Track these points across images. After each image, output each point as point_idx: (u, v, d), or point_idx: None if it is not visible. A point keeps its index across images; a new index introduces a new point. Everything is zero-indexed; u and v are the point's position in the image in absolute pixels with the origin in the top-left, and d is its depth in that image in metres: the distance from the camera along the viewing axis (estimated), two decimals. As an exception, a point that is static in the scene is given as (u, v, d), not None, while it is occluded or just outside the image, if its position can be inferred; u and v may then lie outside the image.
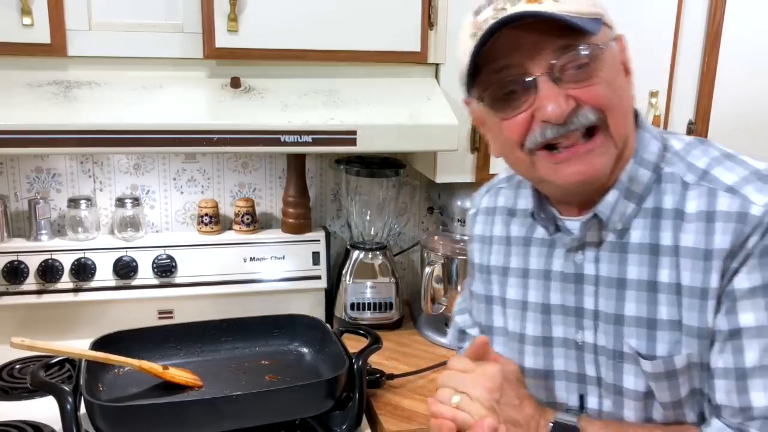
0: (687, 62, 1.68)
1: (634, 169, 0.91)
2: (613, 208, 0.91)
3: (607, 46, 0.85)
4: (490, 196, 1.12)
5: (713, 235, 0.85)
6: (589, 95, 0.83)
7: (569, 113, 0.83)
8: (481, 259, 1.10)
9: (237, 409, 1.23)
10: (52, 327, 1.68)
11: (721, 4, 1.65)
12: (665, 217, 0.89)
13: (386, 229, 1.90)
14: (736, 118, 1.72)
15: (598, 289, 0.94)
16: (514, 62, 0.84)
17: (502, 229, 1.07)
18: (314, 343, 1.56)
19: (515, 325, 1.03)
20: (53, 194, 1.79)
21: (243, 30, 1.43)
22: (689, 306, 0.87)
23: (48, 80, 1.40)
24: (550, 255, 0.99)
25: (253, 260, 1.79)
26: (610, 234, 0.93)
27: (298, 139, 1.40)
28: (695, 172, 0.89)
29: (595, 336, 0.95)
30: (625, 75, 0.91)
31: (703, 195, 0.87)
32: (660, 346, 0.89)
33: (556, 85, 0.83)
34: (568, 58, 0.82)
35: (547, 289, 0.99)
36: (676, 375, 0.89)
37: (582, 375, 0.97)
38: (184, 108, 1.41)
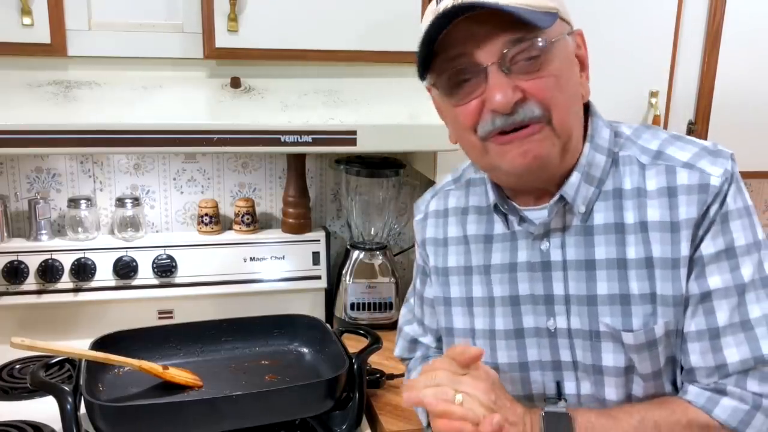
0: (687, 62, 1.68)
1: (591, 154, 0.95)
2: (577, 190, 0.94)
3: (560, 40, 0.88)
4: (438, 199, 1.14)
5: (677, 208, 0.90)
6: (535, 88, 0.86)
7: (515, 103, 0.86)
8: (437, 261, 1.11)
9: (237, 409, 1.23)
10: (52, 327, 1.68)
11: (721, 4, 1.65)
12: (627, 197, 0.93)
13: (386, 229, 1.90)
14: (736, 118, 1.72)
15: (567, 273, 0.96)
16: (467, 51, 0.87)
17: (458, 230, 1.08)
18: (314, 343, 1.56)
19: (484, 322, 1.04)
20: (53, 194, 1.79)
21: (243, 30, 1.43)
22: (662, 276, 0.91)
23: (48, 80, 1.40)
24: (514, 248, 1.01)
25: (253, 260, 1.79)
26: (574, 218, 0.96)
27: (298, 139, 1.40)
28: (649, 154, 0.94)
29: (568, 320, 0.96)
30: (581, 70, 0.94)
31: (662, 172, 0.92)
32: (635, 320, 0.92)
33: (505, 76, 0.86)
34: (518, 49, 0.85)
35: (514, 281, 1.01)
36: (656, 344, 0.92)
37: (557, 362, 0.99)
38: (184, 108, 1.41)
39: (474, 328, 1.05)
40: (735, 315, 0.90)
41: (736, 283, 0.90)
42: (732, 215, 0.90)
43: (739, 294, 0.90)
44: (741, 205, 0.91)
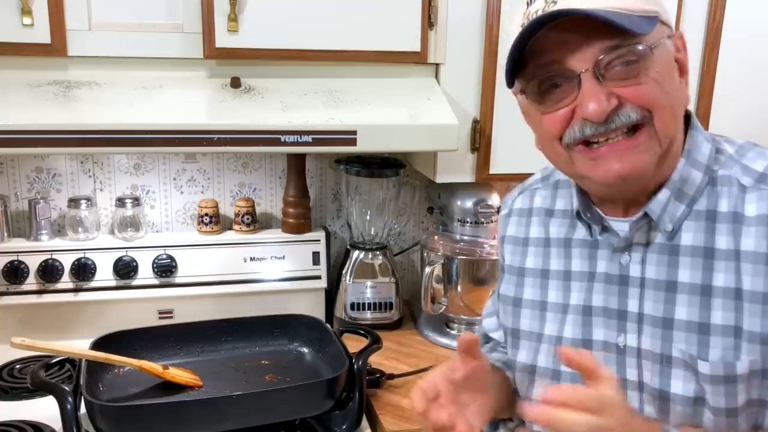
0: (687, 62, 1.67)
1: (686, 170, 0.88)
2: (665, 207, 0.88)
3: (659, 45, 0.83)
4: (524, 197, 1.09)
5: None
6: (634, 94, 0.82)
7: (611, 112, 0.81)
8: (513, 260, 1.07)
9: (237, 409, 1.23)
10: (52, 327, 1.68)
11: (721, 4, 1.64)
12: (721, 220, 0.87)
13: (386, 229, 1.90)
14: (737, 118, 1.72)
15: (644, 291, 0.91)
16: (559, 58, 0.82)
17: (540, 231, 1.04)
18: (314, 343, 1.56)
19: (553, 328, 1.00)
20: (53, 194, 1.79)
21: (243, 30, 1.43)
22: (751, 311, 0.84)
23: (48, 80, 1.40)
24: (593, 256, 0.97)
25: (253, 260, 1.79)
26: (659, 235, 0.90)
27: (298, 139, 1.40)
28: (752, 175, 0.87)
29: (639, 340, 0.92)
30: (680, 75, 0.88)
31: (764, 198, 0.85)
32: (713, 351, 0.86)
33: (599, 83, 0.81)
34: (615, 55, 0.81)
35: (590, 291, 0.96)
36: (736, 381, 0.86)
37: (622, 380, 0.94)
38: (184, 108, 1.41)
39: (542, 333, 1.02)
40: None
41: None
42: None
43: None
44: None
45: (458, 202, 1.77)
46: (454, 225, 1.79)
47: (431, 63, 1.57)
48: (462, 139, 1.57)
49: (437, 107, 1.51)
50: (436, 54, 1.55)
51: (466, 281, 1.73)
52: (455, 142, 1.49)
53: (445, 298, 1.75)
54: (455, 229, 1.79)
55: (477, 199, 1.75)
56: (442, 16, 1.53)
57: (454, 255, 1.74)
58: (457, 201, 1.77)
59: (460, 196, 1.77)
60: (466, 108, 1.59)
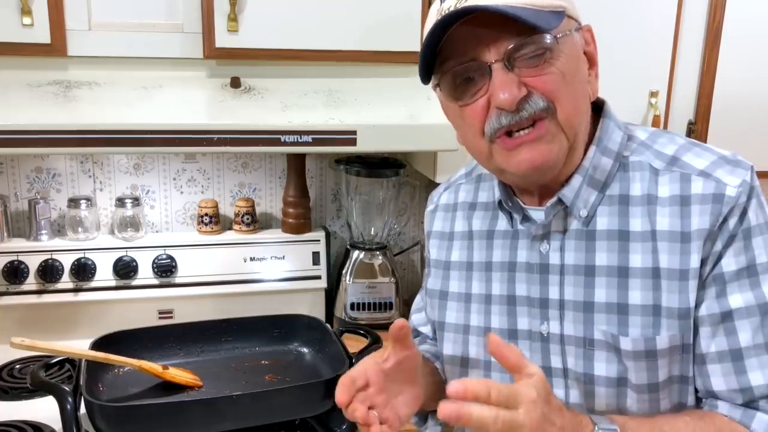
0: (687, 62, 1.68)
1: (597, 157, 0.92)
2: (577, 193, 0.92)
3: (566, 36, 0.87)
4: (450, 192, 1.13)
5: (690, 217, 0.87)
6: (539, 83, 0.85)
7: (521, 100, 0.85)
8: (439, 255, 1.10)
9: (237, 409, 1.23)
10: (52, 327, 1.68)
11: (721, 3, 1.65)
12: (634, 203, 0.91)
13: (386, 229, 1.90)
14: (736, 118, 1.72)
15: (564, 278, 0.94)
16: (471, 51, 0.86)
17: (464, 224, 1.07)
18: (314, 343, 1.56)
19: (479, 319, 1.03)
20: (53, 194, 1.79)
21: (243, 30, 1.43)
22: (669, 288, 0.88)
23: (48, 80, 1.40)
24: (514, 246, 1.00)
25: (253, 260, 1.79)
26: (574, 222, 0.94)
27: (298, 139, 1.40)
28: (664, 159, 0.91)
29: (561, 326, 0.94)
30: (589, 67, 0.92)
31: (676, 180, 0.89)
32: (632, 330, 0.89)
33: (509, 72, 0.85)
34: (522, 45, 0.84)
35: (512, 281, 0.99)
36: (656, 356, 0.89)
37: (547, 368, 0.96)
38: (184, 108, 1.41)
39: (469, 325, 1.04)
40: (758, 335, 0.86)
41: (758, 302, 0.86)
42: (754, 231, 0.86)
43: (762, 313, 0.86)
44: (762, 220, 0.87)
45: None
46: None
47: (431, 63, 1.57)
48: (462, 139, 1.57)
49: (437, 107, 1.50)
50: (436, 54, 1.55)
51: (466, 281, 1.73)
52: (455, 142, 1.47)
53: (445, 298, 1.74)
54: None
55: (477, 199, 1.75)
56: (442, 16, 1.53)
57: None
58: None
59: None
60: (466, 108, 1.59)
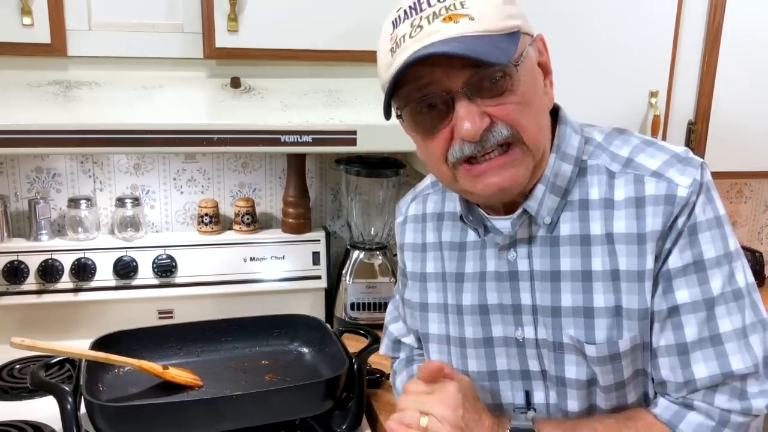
0: (687, 62, 1.68)
1: (557, 165, 0.93)
2: (541, 202, 0.93)
3: (522, 60, 0.86)
4: (418, 203, 1.13)
5: (644, 219, 0.88)
6: (502, 113, 0.85)
7: (484, 131, 0.85)
8: (414, 267, 1.11)
9: (237, 409, 1.23)
10: (52, 327, 1.68)
11: (721, 4, 1.64)
12: (593, 207, 0.92)
13: (386, 229, 1.90)
14: (736, 118, 1.72)
15: (534, 283, 0.95)
16: (430, 79, 0.85)
17: (434, 236, 1.08)
18: (314, 343, 1.56)
19: (455, 330, 1.04)
20: (53, 194, 1.79)
21: (243, 30, 1.43)
22: (628, 290, 0.90)
23: (48, 80, 1.40)
24: (483, 256, 1.01)
25: (253, 260, 1.79)
26: (540, 229, 0.95)
27: (298, 139, 1.40)
28: (619, 161, 0.92)
29: (536, 330, 0.96)
30: (544, 77, 0.92)
31: (630, 182, 0.90)
32: (599, 332, 0.91)
33: (472, 103, 0.85)
34: (483, 75, 0.84)
35: (483, 290, 1.00)
36: (620, 357, 0.91)
37: (526, 371, 0.99)
38: (184, 108, 1.41)
39: (448, 335, 1.06)
40: (704, 330, 0.88)
41: (704, 297, 0.88)
42: (701, 227, 0.88)
43: (708, 308, 0.88)
44: (711, 215, 0.89)
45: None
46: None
47: (431, 63, 1.57)
48: (462, 139, 1.57)
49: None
50: (436, 54, 1.55)
51: (466, 281, 1.74)
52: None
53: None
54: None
55: (477, 199, 1.75)
56: (442, 16, 1.53)
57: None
58: (457, 201, 1.77)
59: (460, 196, 1.76)
60: (466, 108, 1.59)
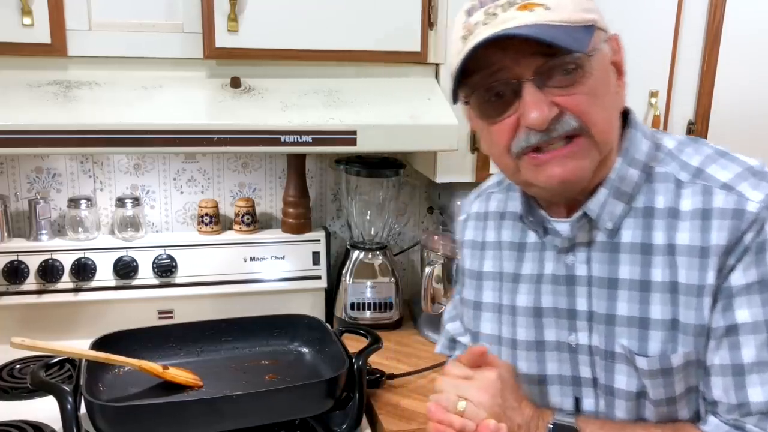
0: (687, 62, 1.68)
1: (623, 169, 0.91)
2: (603, 206, 0.91)
3: (596, 53, 0.85)
4: (481, 201, 1.12)
5: (709, 232, 0.85)
6: (571, 103, 0.84)
7: (552, 120, 0.84)
8: (472, 265, 1.10)
9: (237, 409, 1.23)
10: (52, 327, 1.68)
11: (721, 3, 1.64)
12: (658, 216, 0.90)
13: (386, 229, 1.90)
14: (736, 118, 1.72)
15: (591, 289, 0.94)
16: (500, 66, 0.84)
17: (495, 234, 1.07)
18: (314, 343, 1.56)
19: (508, 331, 1.03)
20: (53, 194, 1.79)
21: (243, 30, 1.43)
22: (686, 304, 0.87)
23: (48, 80, 1.40)
24: (542, 258, 0.99)
25: (253, 260, 1.79)
26: (600, 234, 0.93)
27: (298, 139, 1.40)
28: (689, 171, 0.90)
29: (590, 337, 0.94)
30: (618, 77, 0.90)
31: (698, 193, 0.87)
32: (652, 345, 0.89)
33: (540, 91, 0.83)
34: (554, 63, 0.83)
35: (538, 293, 0.99)
36: (672, 373, 0.89)
37: (577, 378, 0.97)
38: (184, 108, 1.41)
39: (500, 336, 1.04)
40: (763, 352, 0.85)
41: (766, 318, 0.85)
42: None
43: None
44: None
45: (458, 202, 1.76)
46: (454, 225, 1.79)
47: (431, 63, 1.57)
48: (462, 139, 1.57)
49: (437, 107, 1.51)
50: (436, 54, 1.55)
51: (466, 281, 1.73)
52: (455, 142, 1.49)
53: (445, 298, 1.74)
54: (455, 229, 1.78)
55: (477, 199, 1.75)
56: (442, 16, 1.53)
57: (454, 255, 1.74)
58: (457, 201, 1.77)
59: (460, 196, 1.75)
60: (466, 108, 1.59)
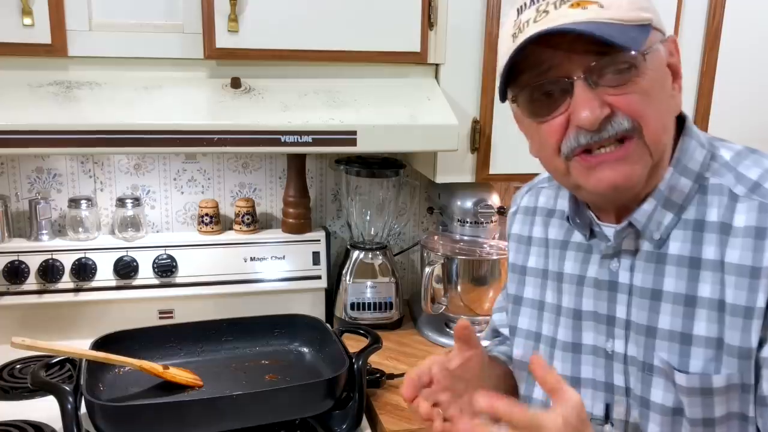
0: (687, 62, 1.65)
1: (674, 178, 0.87)
2: (650, 217, 0.88)
3: (651, 52, 0.81)
4: (531, 195, 1.10)
5: (763, 252, 0.81)
6: (624, 102, 0.81)
7: (603, 120, 0.80)
8: (516, 259, 1.08)
9: (237, 409, 1.23)
10: (53, 327, 1.68)
11: (721, 3, 1.64)
12: (709, 230, 0.86)
13: (386, 229, 1.90)
14: (736, 118, 1.72)
15: (632, 298, 0.91)
16: (550, 64, 0.81)
17: (542, 231, 1.05)
18: (314, 343, 1.56)
19: (549, 329, 1.01)
20: (54, 194, 1.79)
21: (243, 30, 1.43)
22: (732, 324, 0.83)
23: (48, 80, 1.40)
24: (586, 260, 0.97)
25: (254, 260, 1.79)
26: (647, 243, 0.90)
27: (298, 139, 1.40)
28: (746, 184, 0.85)
29: (626, 346, 0.92)
30: (673, 80, 0.87)
31: (754, 209, 0.83)
32: (693, 362, 0.86)
33: (591, 90, 0.80)
34: (607, 62, 0.80)
35: (580, 295, 0.97)
36: (712, 393, 0.85)
37: (610, 384, 0.95)
38: (185, 108, 1.41)
39: (540, 333, 1.03)
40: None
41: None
42: None
43: None
44: None
45: (458, 202, 1.77)
46: (454, 225, 1.79)
47: (431, 63, 1.57)
48: (462, 139, 1.57)
49: (437, 107, 1.51)
50: (436, 54, 1.55)
51: (465, 281, 1.74)
52: (455, 142, 1.49)
53: (445, 298, 1.75)
54: (455, 229, 1.79)
55: (477, 199, 1.75)
56: (442, 16, 1.54)
57: (454, 255, 1.74)
58: (457, 201, 1.77)
59: (460, 196, 1.77)
60: (466, 108, 1.59)
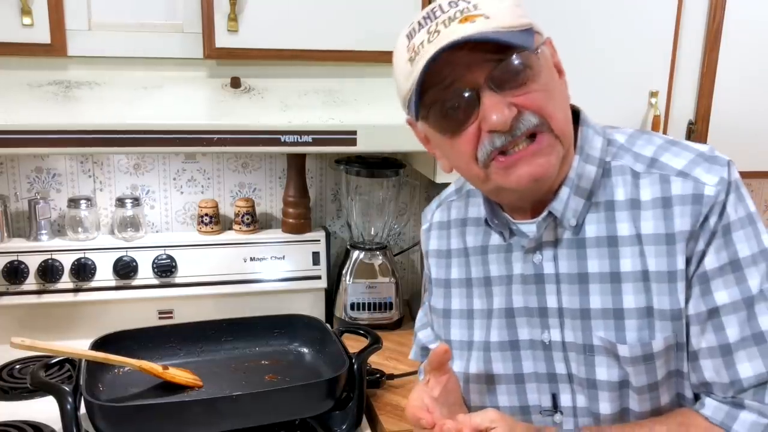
0: (687, 62, 1.68)
1: (581, 166, 0.93)
2: (566, 204, 0.93)
3: (540, 52, 0.88)
4: (442, 210, 1.13)
5: (672, 219, 0.88)
6: (528, 101, 0.86)
7: (513, 120, 0.85)
8: (438, 273, 1.11)
9: (237, 409, 1.23)
10: (52, 327, 1.68)
11: (721, 4, 1.64)
12: (620, 208, 0.92)
13: (386, 229, 1.90)
14: (737, 118, 1.72)
15: (560, 286, 0.95)
16: (452, 78, 0.86)
17: (459, 241, 1.08)
18: (314, 343, 1.56)
19: (480, 335, 1.04)
20: (53, 194, 1.79)
21: (243, 30, 1.43)
22: (659, 290, 0.90)
23: (48, 80, 1.40)
24: (509, 260, 1.01)
25: (253, 260, 1.79)
26: (565, 231, 0.95)
27: (298, 139, 1.40)
28: (643, 161, 0.92)
29: (562, 333, 0.96)
30: (559, 76, 0.92)
31: (656, 182, 0.90)
32: (629, 334, 0.91)
33: (497, 94, 0.85)
34: (505, 66, 0.85)
35: (509, 294, 1.00)
36: (653, 358, 0.91)
37: (552, 374, 0.98)
38: (185, 108, 1.41)
39: (472, 341, 1.05)
40: (746, 329, 0.88)
41: (743, 296, 0.88)
42: (734, 226, 0.88)
43: (748, 307, 0.88)
44: (743, 213, 0.88)
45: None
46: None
47: (431, 63, 1.57)
48: (462, 139, 1.57)
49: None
50: (436, 54, 1.55)
51: (466, 281, 1.73)
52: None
53: (445, 298, 1.74)
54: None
55: (477, 199, 1.75)
56: (442, 16, 1.53)
57: (454, 255, 1.74)
58: (457, 201, 1.77)
59: (460, 196, 1.76)
60: (466, 108, 1.59)
